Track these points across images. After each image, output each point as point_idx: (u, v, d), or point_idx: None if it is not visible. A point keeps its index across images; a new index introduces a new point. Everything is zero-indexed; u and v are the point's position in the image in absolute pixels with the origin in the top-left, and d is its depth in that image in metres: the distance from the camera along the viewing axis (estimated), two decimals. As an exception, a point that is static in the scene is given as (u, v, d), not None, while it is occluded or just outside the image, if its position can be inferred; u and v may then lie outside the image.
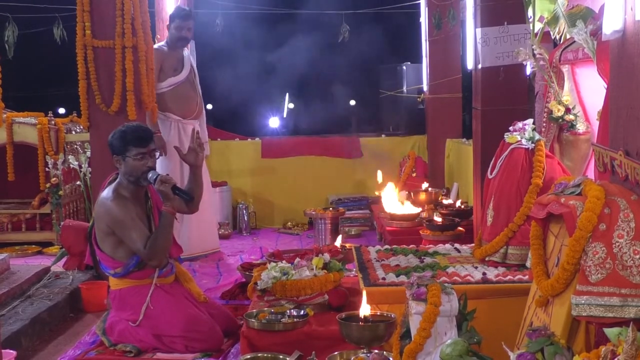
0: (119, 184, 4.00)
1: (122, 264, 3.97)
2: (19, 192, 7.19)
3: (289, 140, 9.20)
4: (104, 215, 3.93)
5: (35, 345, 4.18)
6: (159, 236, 3.91)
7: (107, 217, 3.91)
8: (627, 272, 2.27)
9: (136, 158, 3.92)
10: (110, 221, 3.91)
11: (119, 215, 3.89)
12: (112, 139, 3.99)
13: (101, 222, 3.95)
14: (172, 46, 6.37)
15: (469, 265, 3.81)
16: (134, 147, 3.91)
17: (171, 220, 3.95)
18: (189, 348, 3.91)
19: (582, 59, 3.82)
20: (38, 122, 6.85)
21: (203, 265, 6.17)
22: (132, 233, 3.88)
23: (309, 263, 3.97)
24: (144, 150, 3.93)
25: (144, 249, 3.87)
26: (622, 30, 2.39)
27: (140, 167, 3.93)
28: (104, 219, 3.93)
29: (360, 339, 3.01)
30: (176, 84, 6.33)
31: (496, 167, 3.94)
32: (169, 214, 3.93)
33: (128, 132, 3.96)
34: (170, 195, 3.91)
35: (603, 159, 2.61)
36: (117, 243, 3.95)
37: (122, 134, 3.96)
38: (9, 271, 4.86)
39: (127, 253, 3.96)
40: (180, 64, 6.41)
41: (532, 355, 2.22)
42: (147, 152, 3.94)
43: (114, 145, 3.97)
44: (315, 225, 6.50)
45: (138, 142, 3.92)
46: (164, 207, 3.94)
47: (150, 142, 3.98)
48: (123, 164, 3.95)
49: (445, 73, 7.80)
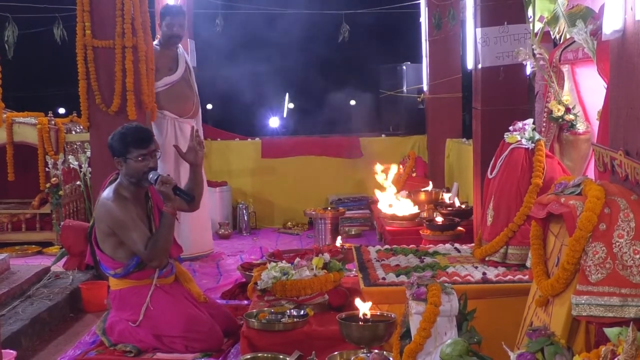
0: (120, 184, 3.99)
1: (122, 265, 3.96)
2: (19, 192, 7.19)
3: (289, 140, 9.20)
4: (104, 216, 3.92)
5: (35, 345, 4.18)
6: (160, 237, 3.91)
7: (107, 217, 3.90)
8: (627, 272, 2.27)
9: (137, 160, 3.90)
10: (111, 222, 3.90)
11: (119, 216, 3.88)
12: (112, 141, 3.97)
13: (102, 223, 3.95)
14: (165, 44, 6.32)
15: (469, 265, 3.81)
16: (134, 148, 3.90)
17: (172, 220, 3.94)
18: (189, 348, 3.91)
19: (582, 59, 3.82)
20: (38, 122, 6.85)
21: (203, 265, 6.17)
22: (132, 234, 3.87)
23: (309, 263, 3.97)
24: (145, 152, 3.92)
25: (145, 249, 3.86)
26: (622, 30, 2.39)
27: (142, 168, 3.92)
28: (105, 219, 3.92)
29: (360, 339, 3.01)
30: (172, 83, 6.31)
31: (496, 167, 3.94)
32: (169, 215, 3.92)
33: (128, 134, 3.94)
34: (171, 196, 3.89)
35: (603, 159, 2.61)
36: (118, 244, 3.94)
37: (122, 135, 3.95)
38: (9, 271, 4.86)
39: (127, 254, 3.95)
40: (174, 62, 6.38)
41: (532, 355, 2.22)
42: (148, 153, 3.93)
43: (114, 147, 3.95)
44: (315, 225, 6.50)
45: (138, 144, 3.91)
46: (165, 208, 3.93)
47: (151, 143, 3.96)
48: (124, 166, 3.94)
49: (445, 73, 7.80)
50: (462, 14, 7.09)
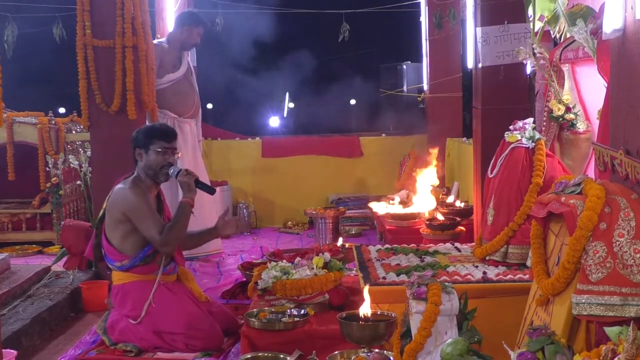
0: (137, 177, 4.08)
1: (128, 257, 4.00)
2: (19, 192, 7.18)
3: (289, 139, 9.20)
4: (120, 202, 3.98)
5: (36, 345, 4.18)
6: (175, 225, 3.98)
7: (123, 203, 3.97)
8: (628, 271, 2.27)
9: (159, 151, 4.02)
10: (126, 207, 3.96)
11: (136, 201, 3.95)
12: (137, 134, 4.13)
13: (115, 211, 3.99)
14: (174, 45, 6.36)
15: (470, 265, 3.81)
16: (158, 140, 4.04)
17: (188, 211, 4.03)
18: (189, 347, 3.91)
19: (582, 58, 3.82)
20: (38, 122, 6.85)
21: (203, 264, 6.17)
22: (148, 220, 3.94)
23: (309, 262, 3.97)
24: (168, 146, 4.06)
25: (159, 235, 3.93)
26: (623, 29, 2.39)
27: (161, 161, 4.03)
28: (119, 206, 3.98)
29: (360, 338, 3.01)
30: (174, 81, 6.33)
31: (496, 166, 3.94)
32: (187, 205, 4.03)
33: (156, 126, 4.22)
34: (193, 187, 4.05)
35: (603, 158, 2.61)
36: (127, 233, 3.99)
37: (150, 127, 4.23)
38: (10, 271, 4.86)
39: (134, 245, 4.00)
40: (178, 61, 6.43)
41: (533, 354, 2.22)
42: (170, 148, 4.07)
43: (138, 139, 4.09)
44: (315, 224, 6.51)
45: (164, 136, 4.07)
46: (184, 198, 4.04)
47: (175, 141, 4.13)
48: (144, 157, 4.04)
49: (445, 72, 7.80)
50: (463, 13, 7.10)
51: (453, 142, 7.52)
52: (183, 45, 6.37)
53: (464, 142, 6.96)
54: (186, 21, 6.37)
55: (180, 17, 6.51)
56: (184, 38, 6.33)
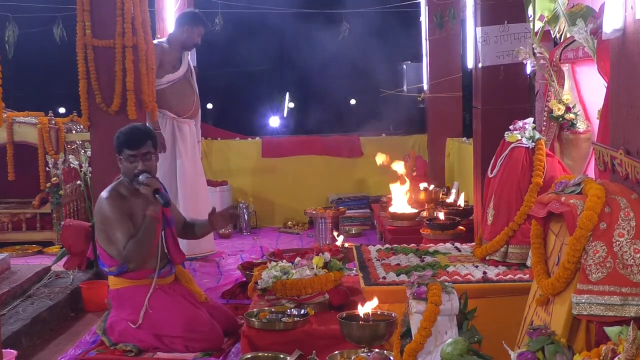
0: (120, 182, 4.05)
1: (116, 263, 3.97)
2: (20, 192, 7.18)
3: (289, 139, 9.19)
4: (97, 211, 4.03)
5: (36, 345, 4.18)
6: (137, 240, 3.89)
7: (98, 212, 3.99)
8: (628, 271, 2.27)
9: (127, 160, 3.96)
10: (100, 217, 3.98)
11: (107, 212, 3.92)
12: (114, 139, 4.05)
13: (96, 218, 4.03)
14: (175, 45, 6.36)
15: (470, 264, 3.81)
16: (125, 148, 3.96)
17: (152, 225, 3.90)
18: (189, 348, 3.91)
19: (582, 58, 3.82)
20: (38, 122, 6.85)
21: (203, 264, 6.17)
22: (116, 233, 3.90)
23: (309, 262, 3.97)
24: (134, 153, 3.94)
25: (123, 249, 3.88)
26: (623, 29, 2.39)
27: (132, 169, 3.95)
28: (97, 214, 4.02)
29: (360, 338, 3.01)
30: (174, 81, 6.32)
31: (496, 166, 3.94)
32: (150, 219, 3.89)
33: (121, 134, 4.01)
34: (150, 198, 3.89)
35: (603, 158, 2.61)
36: (109, 240, 3.97)
37: (118, 134, 4.03)
38: (10, 271, 4.86)
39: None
40: (178, 61, 6.42)
41: (533, 354, 2.22)
42: (138, 155, 3.94)
43: (114, 145, 4.04)
44: (315, 224, 6.50)
45: (128, 145, 3.95)
46: (147, 211, 3.89)
47: (142, 146, 3.95)
48: (121, 165, 4.01)
49: (445, 72, 7.80)
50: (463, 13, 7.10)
51: (453, 142, 7.52)
52: (184, 45, 6.37)
53: (464, 142, 6.96)
54: (187, 21, 6.37)
55: (181, 17, 6.51)
56: (184, 38, 6.33)
